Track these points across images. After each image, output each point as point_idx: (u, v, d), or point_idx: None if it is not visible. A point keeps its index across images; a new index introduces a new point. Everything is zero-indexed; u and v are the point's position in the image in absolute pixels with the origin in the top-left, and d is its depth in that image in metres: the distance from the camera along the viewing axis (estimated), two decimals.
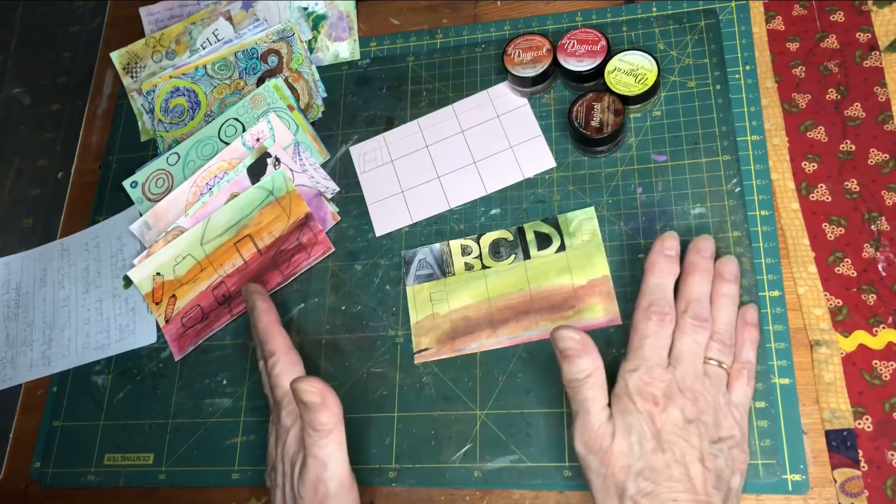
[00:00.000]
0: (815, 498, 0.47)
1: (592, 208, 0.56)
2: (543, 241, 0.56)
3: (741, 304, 0.50)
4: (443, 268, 0.57)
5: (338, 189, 0.63)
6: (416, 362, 0.56)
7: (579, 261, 0.55)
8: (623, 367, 0.46)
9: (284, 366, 0.52)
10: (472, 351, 0.55)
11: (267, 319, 0.54)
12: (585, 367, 0.45)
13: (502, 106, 0.61)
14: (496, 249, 0.57)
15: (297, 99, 0.65)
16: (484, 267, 0.57)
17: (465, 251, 0.57)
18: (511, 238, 0.57)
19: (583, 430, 0.45)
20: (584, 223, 0.56)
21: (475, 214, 0.59)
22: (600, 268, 0.54)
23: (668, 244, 0.49)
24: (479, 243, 0.57)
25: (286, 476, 0.48)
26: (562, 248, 0.56)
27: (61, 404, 0.62)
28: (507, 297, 0.55)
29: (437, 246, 0.58)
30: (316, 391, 0.46)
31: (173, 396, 0.60)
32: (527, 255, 0.56)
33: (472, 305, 0.56)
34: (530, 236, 0.57)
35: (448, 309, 0.56)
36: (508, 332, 0.54)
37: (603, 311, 0.53)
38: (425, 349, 0.56)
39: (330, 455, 0.46)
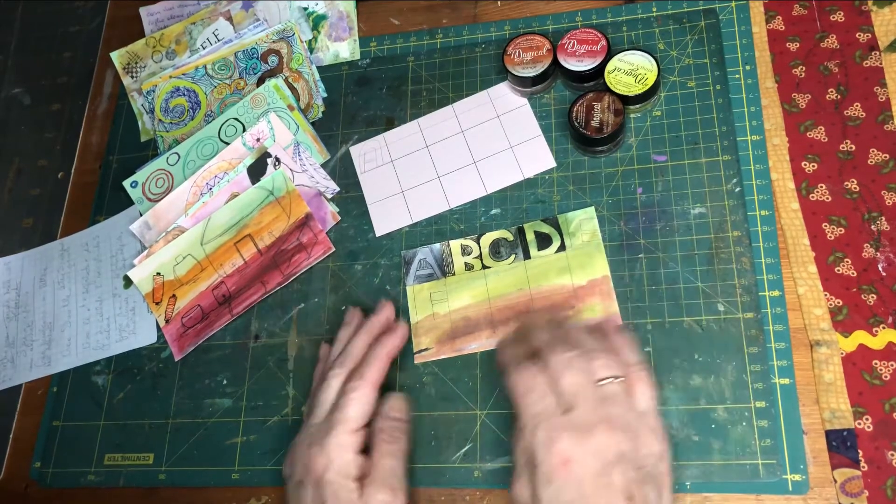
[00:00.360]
0: (815, 498, 0.47)
1: (592, 208, 0.56)
2: (543, 241, 0.56)
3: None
4: (443, 268, 0.57)
5: (338, 189, 0.63)
6: (416, 362, 0.56)
7: (579, 261, 0.55)
8: (520, 434, 0.42)
9: (367, 397, 0.49)
10: (472, 351, 0.55)
11: (387, 351, 0.52)
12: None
13: (502, 106, 0.61)
14: (496, 249, 0.57)
15: (298, 99, 0.65)
16: (484, 267, 0.57)
17: (465, 251, 0.57)
18: (511, 238, 0.57)
19: (513, 480, 0.42)
20: (584, 223, 0.56)
21: (475, 214, 0.59)
22: (600, 268, 0.54)
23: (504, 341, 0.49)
24: (479, 243, 0.57)
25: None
26: (562, 248, 0.56)
27: (61, 404, 0.62)
28: (507, 298, 0.55)
29: (437, 246, 0.58)
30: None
31: (173, 396, 0.60)
32: (527, 255, 0.56)
33: (472, 305, 0.56)
34: (530, 236, 0.57)
35: (448, 309, 0.56)
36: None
37: (602, 310, 0.53)
38: (425, 349, 0.56)
39: None
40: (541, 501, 0.40)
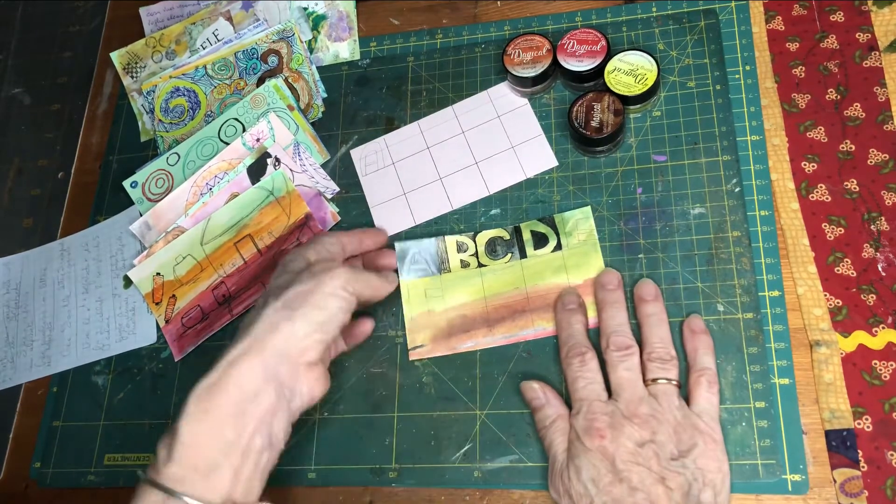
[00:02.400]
0: (814, 498, 0.47)
1: (589, 208, 0.56)
2: (540, 240, 0.56)
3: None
4: (438, 264, 0.57)
5: (338, 189, 0.63)
6: (410, 359, 0.56)
7: (575, 260, 0.55)
8: (570, 416, 0.48)
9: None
10: (467, 349, 0.55)
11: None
12: (549, 413, 0.49)
13: (503, 106, 0.61)
14: (492, 248, 0.57)
15: (297, 99, 0.66)
16: (480, 265, 0.57)
17: (460, 248, 0.57)
18: (508, 237, 0.57)
19: (551, 474, 0.47)
20: (580, 223, 0.56)
21: (475, 214, 0.59)
22: (596, 267, 0.54)
23: (567, 300, 0.53)
24: (475, 241, 0.57)
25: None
26: (558, 247, 0.56)
27: (61, 404, 0.62)
28: (504, 296, 0.55)
29: (432, 241, 0.58)
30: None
31: (173, 396, 0.60)
32: (523, 255, 0.56)
33: (468, 303, 0.56)
34: (527, 235, 0.56)
35: (444, 307, 0.56)
36: (504, 330, 0.54)
37: (596, 310, 0.53)
38: (420, 346, 0.56)
39: None
40: (580, 470, 0.45)
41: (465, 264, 0.57)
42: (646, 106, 0.58)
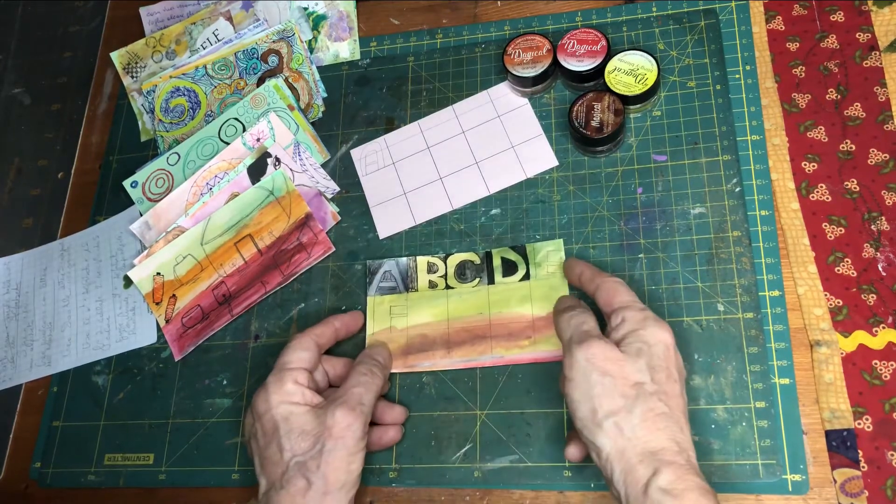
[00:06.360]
0: (815, 498, 0.47)
1: (561, 241, 0.56)
2: (509, 268, 0.56)
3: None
4: (406, 282, 0.57)
5: (338, 189, 0.63)
6: None
7: (542, 291, 0.55)
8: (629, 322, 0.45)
9: (302, 344, 0.53)
10: (424, 369, 0.55)
11: (338, 319, 0.56)
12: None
13: (503, 106, 0.61)
14: (462, 271, 0.57)
15: (298, 99, 0.65)
16: (447, 287, 0.57)
17: (431, 269, 0.57)
18: (478, 262, 0.57)
19: (590, 348, 0.44)
20: (551, 254, 0.56)
21: (475, 214, 0.59)
22: None
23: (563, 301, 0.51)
24: (446, 263, 0.57)
25: None
26: (526, 276, 0.56)
27: (61, 404, 0.62)
28: (466, 320, 0.55)
29: (403, 260, 0.58)
30: None
31: (173, 396, 0.60)
32: (491, 280, 0.56)
33: (430, 324, 0.56)
34: (497, 262, 0.56)
35: (406, 324, 0.56)
36: (462, 354, 0.54)
37: (556, 344, 0.53)
38: None
39: None
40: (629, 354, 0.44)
41: (433, 285, 0.57)
42: (646, 106, 0.58)
